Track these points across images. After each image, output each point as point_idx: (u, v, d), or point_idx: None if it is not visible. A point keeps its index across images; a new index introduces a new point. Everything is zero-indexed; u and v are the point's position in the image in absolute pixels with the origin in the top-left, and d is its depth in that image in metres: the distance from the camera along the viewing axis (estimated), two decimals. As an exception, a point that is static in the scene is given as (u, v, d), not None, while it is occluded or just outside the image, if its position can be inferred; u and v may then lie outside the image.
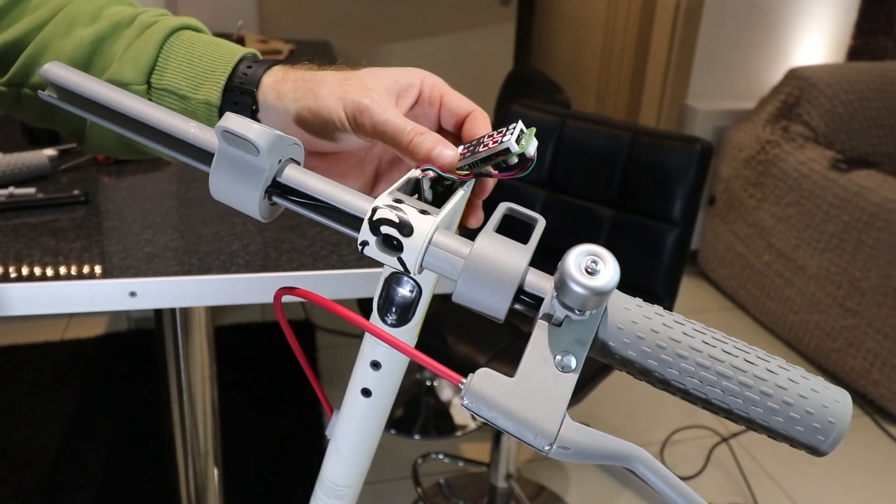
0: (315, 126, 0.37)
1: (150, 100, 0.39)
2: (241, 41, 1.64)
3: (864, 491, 1.55)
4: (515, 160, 0.32)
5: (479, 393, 0.25)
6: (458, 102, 0.38)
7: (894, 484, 1.58)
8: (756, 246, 2.12)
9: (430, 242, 0.28)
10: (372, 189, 0.43)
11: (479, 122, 0.38)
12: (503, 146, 0.32)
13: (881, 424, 1.74)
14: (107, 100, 0.33)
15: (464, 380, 0.26)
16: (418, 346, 0.33)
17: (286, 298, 0.34)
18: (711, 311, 2.22)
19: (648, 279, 1.29)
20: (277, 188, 0.31)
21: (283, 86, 0.37)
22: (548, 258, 0.34)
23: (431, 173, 0.33)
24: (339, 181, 0.32)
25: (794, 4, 2.28)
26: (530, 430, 0.25)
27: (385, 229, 0.28)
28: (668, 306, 1.30)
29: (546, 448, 0.25)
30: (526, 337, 0.26)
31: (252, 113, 0.38)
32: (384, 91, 0.36)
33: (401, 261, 0.28)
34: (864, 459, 1.63)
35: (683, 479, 1.60)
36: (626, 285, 0.26)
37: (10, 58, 0.40)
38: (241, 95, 0.38)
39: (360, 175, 0.42)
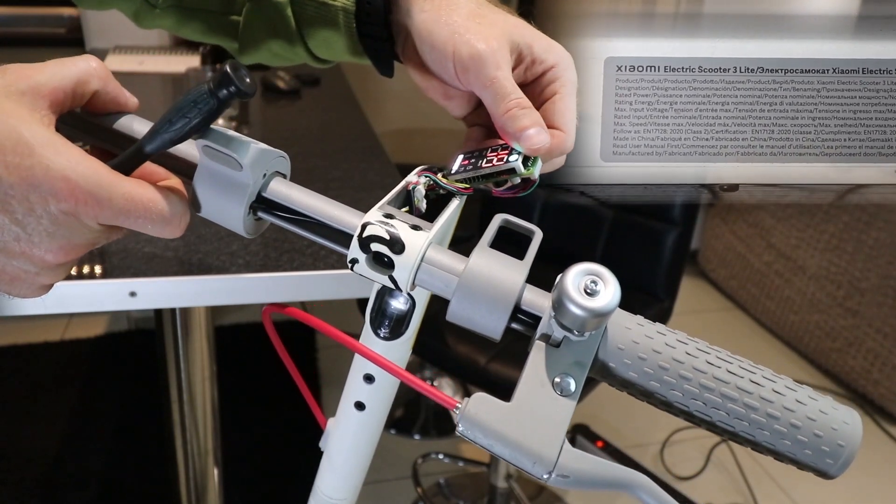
0: (423, 51, 0.35)
1: (291, 7, 0.39)
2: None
3: (864, 491, 1.55)
4: (518, 181, 0.31)
5: (475, 419, 0.24)
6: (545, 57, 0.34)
7: (894, 484, 1.57)
8: (756, 246, 2.11)
9: (422, 259, 0.27)
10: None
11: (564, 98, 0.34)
12: (508, 166, 0.30)
13: (881, 424, 1.73)
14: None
15: (458, 404, 0.25)
16: (416, 347, 0.32)
17: (286, 299, 0.33)
18: (711, 311, 2.21)
19: (648, 279, 1.28)
20: (262, 203, 0.30)
21: None
22: (548, 259, 0.33)
23: (424, 180, 0.32)
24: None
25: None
26: (528, 458, 0.24)
27: (375, 247, 0.27)
28: (669, 306, 1.29)
29: (545, 476, 0.24)
30: (527, 337, 0.26)
31: (384, 12, 0.36)
32: (506, 45, 0.33)
33: (392, 279, 0.27)
34: (864, 459, 1.63)
35: (683, 479, 1.59)
36: (626, 285, 0.25)
37: None
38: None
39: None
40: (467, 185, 0.32)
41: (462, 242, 0.29)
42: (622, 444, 1.61)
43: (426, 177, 0.32)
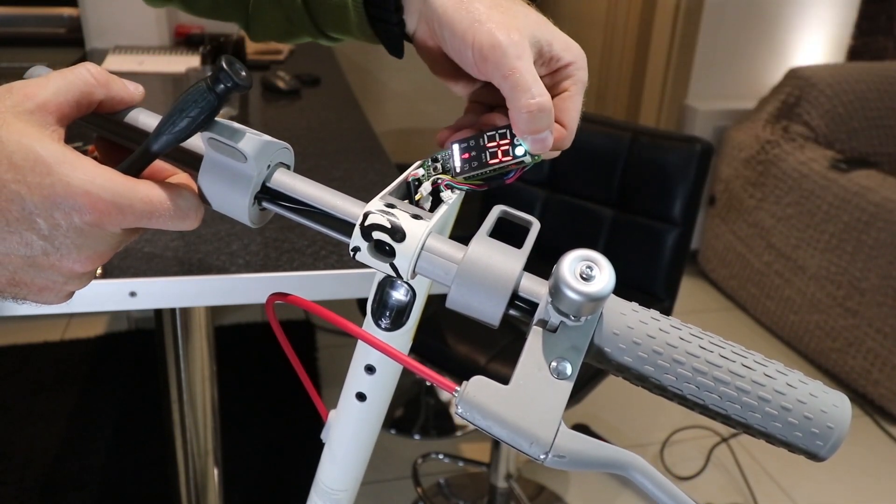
0: (443, 37, 0.34)
1: None
2: (241, 42, 1.63)
3: (863, 491, 1.55)
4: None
5: (473, 401, 0.25)
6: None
7: (894, 484, 1.57)
8: (756, 246, 2.12)
9: (422, 248, 0.28)
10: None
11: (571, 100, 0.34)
12: (518, 160, 0.32)
13: (881, 424, 1.73)
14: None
15: (458, 388, 0.26)
16: (416, 347, 0.32)
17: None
18: (711, 311, 2.22)
19: (648, 279, 1.28)
20: (267, 193, 0.31)
21: None
22: (547, 258, 0.33)
23: (429, 177, 0.32)
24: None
25: (794, 4, 2.28)
26: (525, 439, 0.24)
27: (377, 235, 0.28)
28: (669, 306, 1.30)
29: (541, 457, 0.24)
30: (526, 337, 0.26)
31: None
32: (527, 38, 0.33)
33: (393, 266, 0.28)
34: (864, 459, 1.63)
35: (683, 479, 1.60)
36: (626, 285, 0.26)
37: None
38: None
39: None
40: (482, 182, 0.32)
41: (461, 242, 0.29)
42: (622, 443, 1.61)
43: (436, 177, 0.32)
